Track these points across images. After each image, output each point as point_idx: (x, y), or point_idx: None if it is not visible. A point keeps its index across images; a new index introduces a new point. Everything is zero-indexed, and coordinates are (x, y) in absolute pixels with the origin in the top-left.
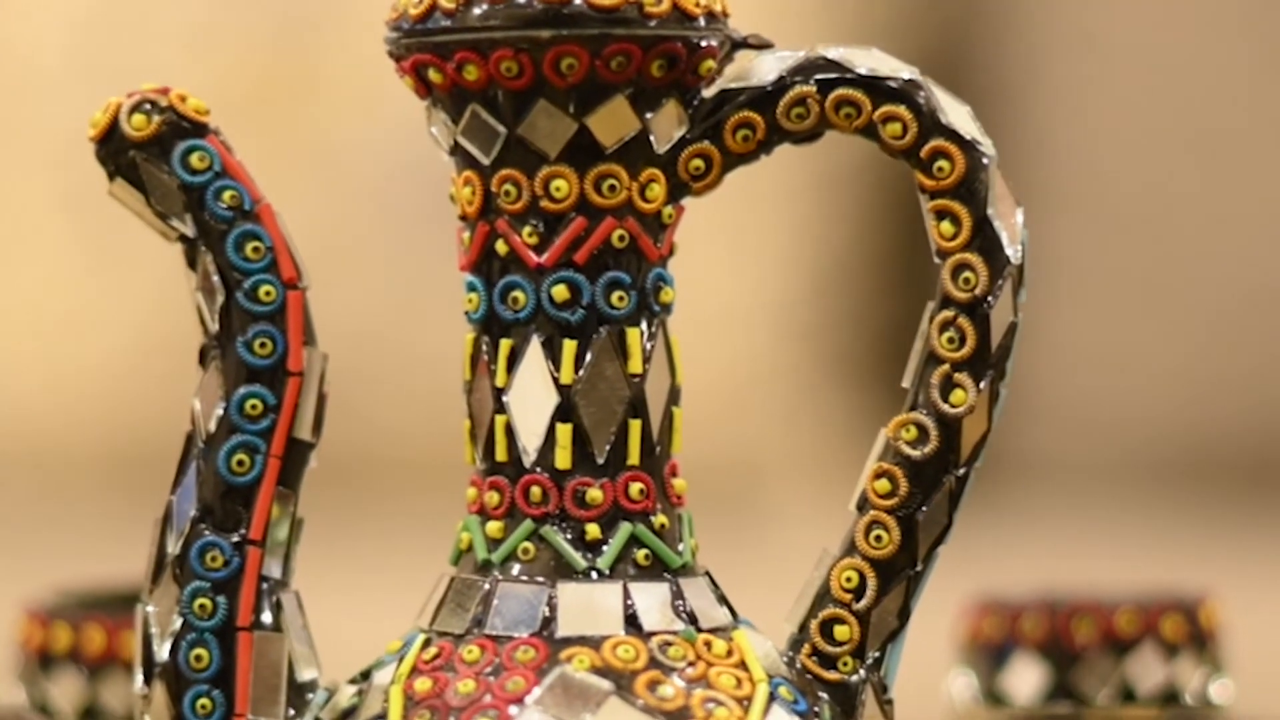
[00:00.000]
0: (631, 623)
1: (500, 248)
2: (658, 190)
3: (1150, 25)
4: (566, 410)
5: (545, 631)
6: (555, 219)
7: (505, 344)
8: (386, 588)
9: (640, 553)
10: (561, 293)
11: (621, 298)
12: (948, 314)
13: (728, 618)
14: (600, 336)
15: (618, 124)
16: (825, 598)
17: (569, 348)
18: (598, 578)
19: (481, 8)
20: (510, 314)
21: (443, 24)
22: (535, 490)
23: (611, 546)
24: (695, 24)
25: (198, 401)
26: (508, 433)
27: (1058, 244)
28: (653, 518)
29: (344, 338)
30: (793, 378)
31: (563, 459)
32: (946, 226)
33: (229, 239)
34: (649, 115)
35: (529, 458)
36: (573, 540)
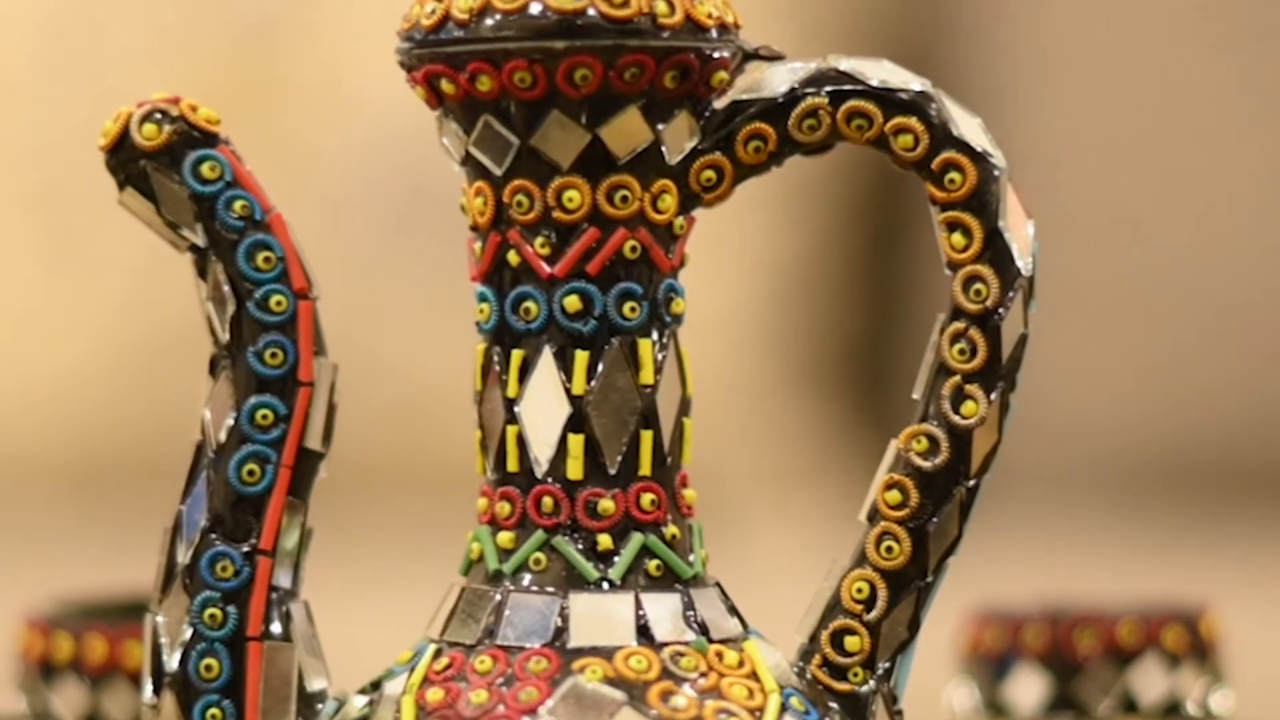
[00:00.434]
0: (643, 633)
1: (512, 258)
2: (669, 201)
3: (1119, 36)
4: (578, 421)
5: (557, 642)
6: (568, 230)
7: (517, 355)
8: (396, 598)
9: (652, 563)
10: (574, 303)
11: (633, 308)
12: (959, 325)
13: (739, 628)
14: (612, 347)
15: (630, 135)
16: (836, 608)
17: (581, 358)
18: (609, 588)
19: (495, 18)
20: (522, 325)
21: (456, 35)
22: (547, 501)
23: (623, 557)
24: (708, 35)
25: (208, 411)
26: (519, 443)
27: (1057, 259)
28: (664, 528)
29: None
30: (755, 387)
31: (574, 469)
32: (958, 238)
33: (240, 249)
34: (661, 126)
35: (540, 468)
36: (584, 551)
